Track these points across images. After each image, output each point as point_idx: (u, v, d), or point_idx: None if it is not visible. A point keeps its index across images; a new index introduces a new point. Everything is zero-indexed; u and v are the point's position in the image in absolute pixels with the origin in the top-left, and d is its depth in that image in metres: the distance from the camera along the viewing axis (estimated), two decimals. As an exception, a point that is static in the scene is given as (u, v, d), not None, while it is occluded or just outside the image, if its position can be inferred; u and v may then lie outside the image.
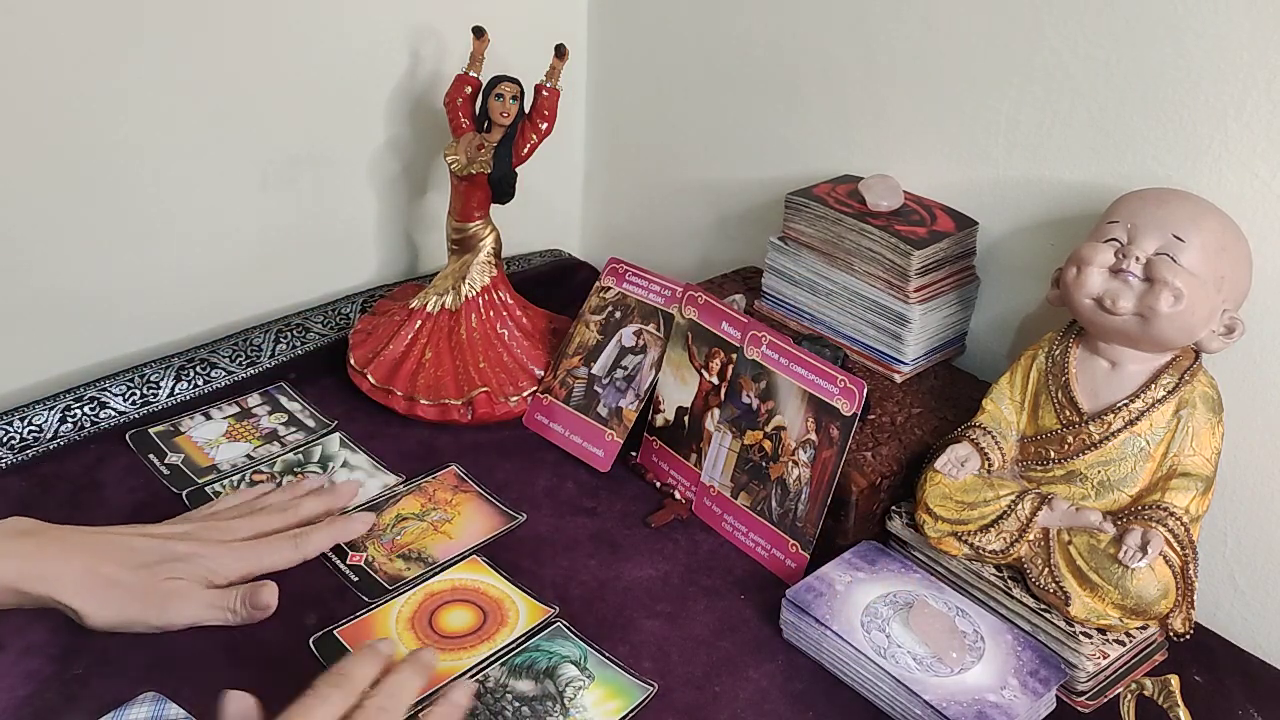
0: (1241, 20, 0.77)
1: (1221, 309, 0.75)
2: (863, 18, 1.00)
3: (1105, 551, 0.74)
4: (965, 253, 0.96)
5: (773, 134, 1.13)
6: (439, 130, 1.09)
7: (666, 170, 1.26)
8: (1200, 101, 0.80)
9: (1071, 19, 0.85)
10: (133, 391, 0.96)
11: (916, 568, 0.81)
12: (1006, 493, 0.79)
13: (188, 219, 1.03)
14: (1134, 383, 0.77)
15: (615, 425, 0.94)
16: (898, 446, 0.87)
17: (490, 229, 1.02)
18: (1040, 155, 0.91)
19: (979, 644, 0.74)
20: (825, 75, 1.05)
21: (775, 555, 0.85)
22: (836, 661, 0.75)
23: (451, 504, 0.89)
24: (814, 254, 0.98)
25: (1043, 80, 0.89)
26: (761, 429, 0.87)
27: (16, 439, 0.89)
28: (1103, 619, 0.74)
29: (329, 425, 0.97)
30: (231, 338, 1.04)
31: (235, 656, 0.72)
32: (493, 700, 0.70)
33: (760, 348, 0.87)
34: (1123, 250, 0.75)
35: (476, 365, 0.99)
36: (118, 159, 0.96)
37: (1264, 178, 0.78)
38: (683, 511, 0.91)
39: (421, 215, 1.21)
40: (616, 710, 0.70)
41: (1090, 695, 0.75)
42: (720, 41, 1.14)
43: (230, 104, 1.01)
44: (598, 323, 0.99)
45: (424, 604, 0.78)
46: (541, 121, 0.98)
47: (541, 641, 0.76)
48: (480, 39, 0.97)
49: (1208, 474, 0.75)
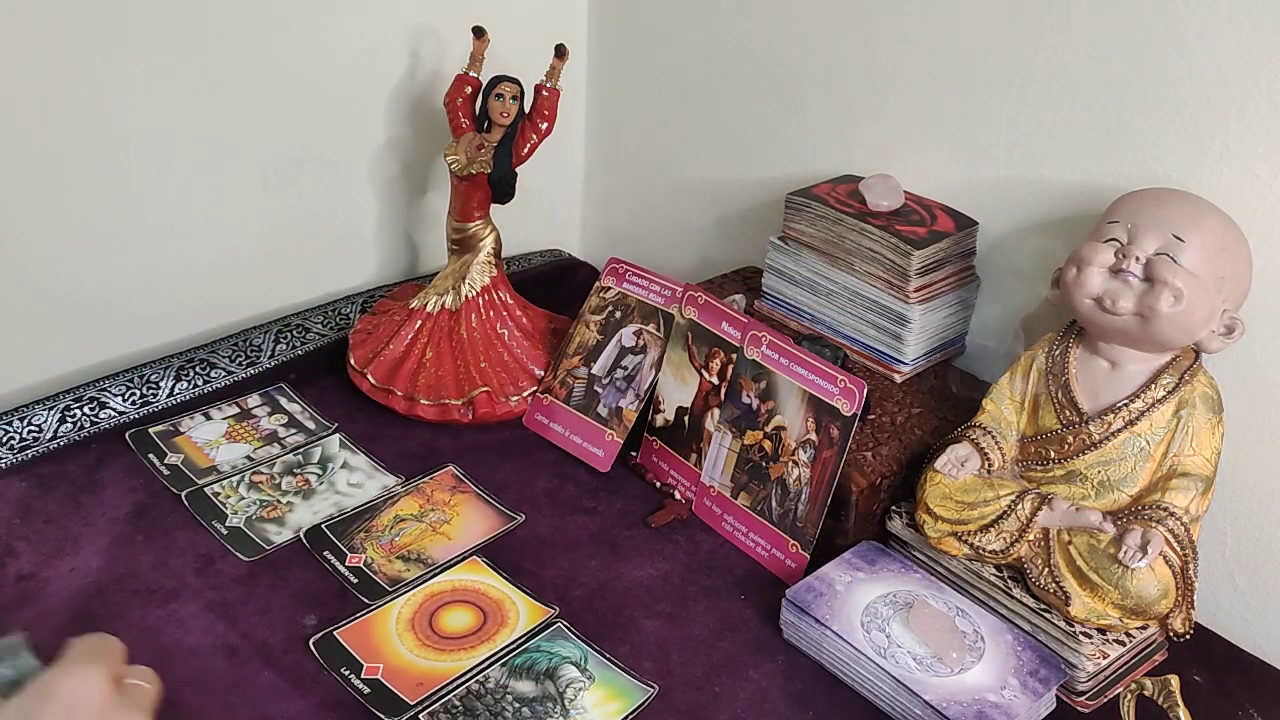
0: (1241, 20, 0.76)
1: (1221, 309, 0.75)
2: (863, 18, 1.00)
3: (1105, 551, 0.74)
4: (965, 253, 0.96)
5: (773, 134, 1.12)
6: (439, 130, 1.09)
7: (666, 170, 1.26)
8: (1201, 101, 0.80)
9: (1071, 19, 0.85)
10: (132, 391, 0.96)
11: (916, 568, 0.81)
12: (1006, 493, 0.79)
13: (188, 219, 1.03)
14: (1134, 383, 0.77)
15: (615, 425, 0.94)
16: (898, 446, 0.87)
17: (490, 229, 1.02)
18: (1040, 155, 0.91)
19: (979, 644, 0.74)
20: (825, 75, 1.05)
21: (775, 555, 0.85)
22: (836, 661, 0.75)
23: (449, 505, 0.89)
24: (814, 254, 0.98)
25: (1043, 80, 0.89)
26: (761, 429, 0.87)
27: (16, 439, 0.89)
28: (1103, 619, 0.74)
29: (329, 427, 0.97)
30: (231, 338, 1.04)
31: (235, 657, 0.72)
32: (493, 701, 0.70)
33: (760, 348, 0.87)
34: (1123, 250, 0.75)
35: (477, 365, 0.99)
36: (118, 159, 0.96)
37: (1264, 178, 0.78)
38: (683, 511, 0.91)
39: (421, 215, 1.21)
40: (617, 712, 0.70)
41: (1090, 695, 0.75)
42: (720, 42, 1.14)
43: (231, 104, 1.01)
44: (598, 323, 0.99)
45: (424, 605, 0.78)
46: (541, 121, 0.98)
47: (542, 642, 0.76)
48: (480, 39, 0.97)
49: (1208, 474, 0.75)
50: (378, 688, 0.71)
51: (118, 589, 0.77)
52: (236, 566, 0.80)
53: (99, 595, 0.76)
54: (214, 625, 0.74)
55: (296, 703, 0.69)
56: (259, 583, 0.79)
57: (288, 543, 0.83)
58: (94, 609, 0.75)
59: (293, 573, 0.80)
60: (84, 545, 0.81)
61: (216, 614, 0.76)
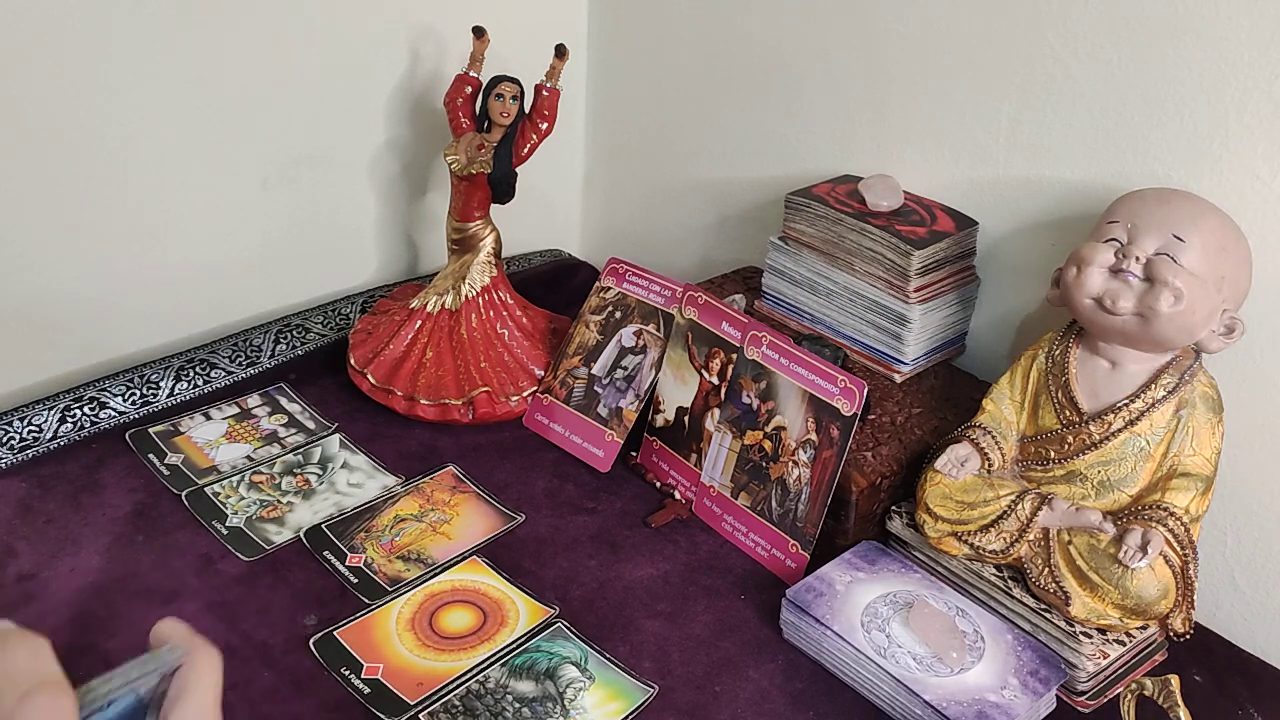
0: (1241, 20, 0.76)
1: (1221, 309, 0.75)
2: (863, 18, 1.00)
3: (1105, 551, 0.74)
4: (965, 253, 0.96)
5: (773, 134, 1.12)
6: (439, 130, 1.09)
7: (666, 170, 1.26)
8: (1201, 102, 0.80)
9: (1071, 19, 0.85)
10: (132, 391, 0.96)
11: (916, 568, 0.81)
12: (1006, 493, 0.79)
13: (188, 219, 1.03)
14: (1134, 383, 0.77)
15: (615, 425, 0.94)
16: (898, 446, 0.87)
17: (490, 229, 1.02)
18: (1040, 155, 0.91)
19: (979, 644, 0.74)
20: (825, 75, 1.05)
21: (775, 555, 0.85)
22: (836, 661, 0.75)
23: (449, 505, 0.89)
24: (814, 254, 0.98)
25: (1043, 80, 0.89)
26: (761, 429, 0.87)
27: (16, 439, 0.89)
28: (1103, 619, 0.74)
29: (329, 427, 0.97)
30: (231, 338, 1.04)
31: (235, 657, 0.72)
32: (493, 701, 0.70)
33: (760, 348, 0.87)
34: (1123, 250, 0.75)
35: (477, 365, 0.99)
36: (118, 159, 0.96)
37: (1264, 178, 0.78)
38: (683, 511, 0.91)
39: (421, 215, 1.21)
40: (617, 712, 0.70)
41: (1090, 695, 0.75)
42: (720, 41, 1.14)
43: (231, 104, 1.01)
44: (598, 323, 0.99)
45: (424, 605, 0.78)
46: (541, 121, 0.98)
47: (542, 642, 0.76)
48: (480, 39, 0.97)
49: (1208, 474, 0.75)
50: (378, 688, 0.71)
51: (118, 589, 0.77)
52: (236, 566, 0.80)
53: (99, 595, 0.76)
54: (214, 625, 0.74)
55: (296, 703, 0.69)
56: (259, 583, 0.79)
57: (288, 543, 0.83)
58: (94, 609, 0.75)
59: (293, 573, 0.80)
60: (84, 545, 0.81)
61: (216, 614, 0.76)
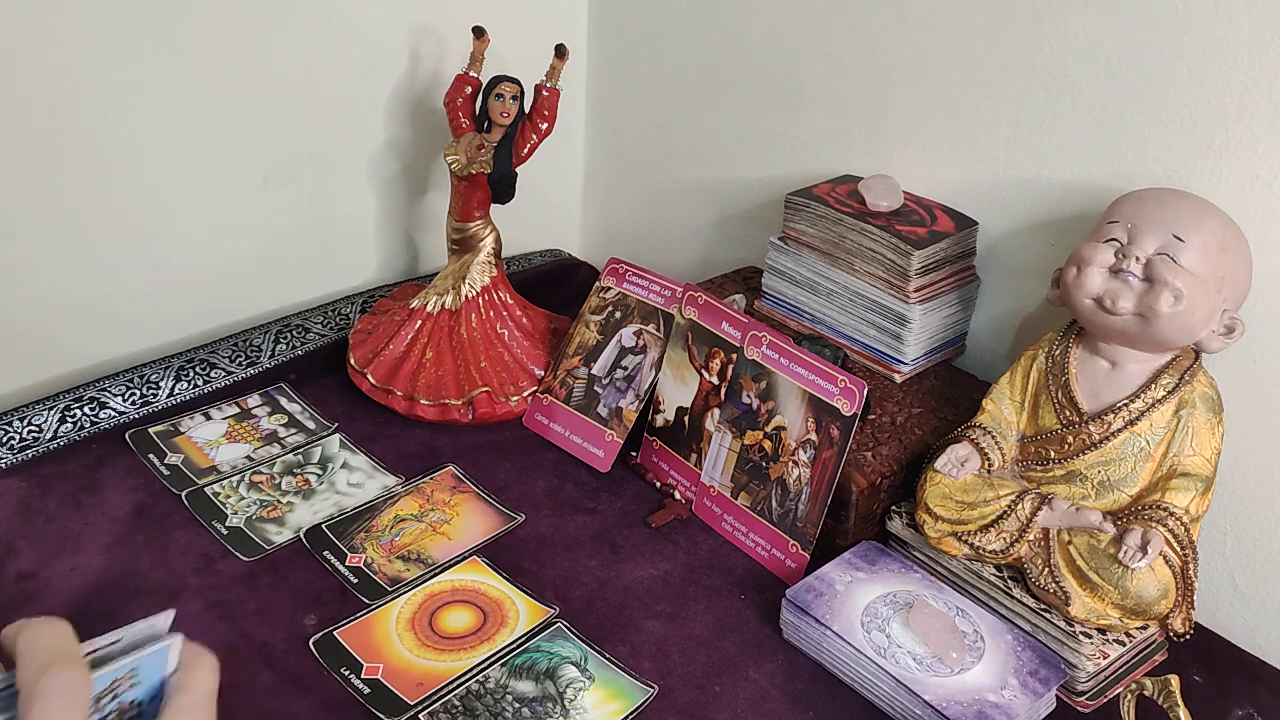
0: (1241, 20, 0.76)
1: (1221, 309, 0.75)
2: (863, 18, 1.00)
3: (1105, 551, 0.74)
4: (965, 253, 0.96)
5: (773, 134, 1.12)
6: (439, 130, 1.09)
7: (666, 170, 1.26)
8: (1201, 102, 0.80)
9: (1071, 19, 0.85)
10: (132, 391, 0.96)
11: (916, 568, 0.81)
12: (1006, 493, 0.79)
13: (188, 219, 1.03)
14: (1134, 383, 0.77)
15: (615, 425, 0.94)
16: (898, 446, 0.87)
17: (490, 229, 1.02)
18: (1040, 155, 0.91)
19: (979, 644, 0.74)
20: (825, 75, 1.05)
21: (775, 555, 0.85)
22: (836, 661, 0.75)
23: (449, 505, 0.89)
24: (814, 254, 0.98)
25: (1043, 80, 0.89)
26: (761, 429, 0.87)
27: (16, 439, 0.89)
28: (1103, 619, 0.74)
29: (329, 427, 0.97)
30: (231, 338, 1.04)
31: (235, 657, 0.72)
32: (493, 701, 0.70)
33: (760, 348, 0.87)
34: (1123, 250, 0.75)
35: (477, 365, 0.99)
36: (118, 159, 0.96)
37: (1264, 178, 0.78)
38: (683, 511, 0.91)
39: (421, 215, 1.21)
40: (617, 712, 0.70)
41: (1090, 695, 0.75)
42: (720, 41, 1.14)
43: (230, 104, 1.01)
44: (598, 323, 0.99)
45: (424, 605, 0.78)
46: (541, 121, 0.98)
47: (542, 642, 0.76)
48: (480, 39, 0.97)
49: (1208, 474, 0.75)
50: (378, 688, 0.71)
51: (118, 589, 0.77)
52: (236, 566, 0.80)
53: (99, 595, 0.76)
54: (214, 625, 0.74)
55: (296, 703, 0.69)
56: (259, 583, 0.79)
57: (288, 543, 0.83)
58: (94, 608, 0.75)
59: (293, 573, 0.80)
60: (84, 545, 0.81)
61: (216, 614, 0.76)
